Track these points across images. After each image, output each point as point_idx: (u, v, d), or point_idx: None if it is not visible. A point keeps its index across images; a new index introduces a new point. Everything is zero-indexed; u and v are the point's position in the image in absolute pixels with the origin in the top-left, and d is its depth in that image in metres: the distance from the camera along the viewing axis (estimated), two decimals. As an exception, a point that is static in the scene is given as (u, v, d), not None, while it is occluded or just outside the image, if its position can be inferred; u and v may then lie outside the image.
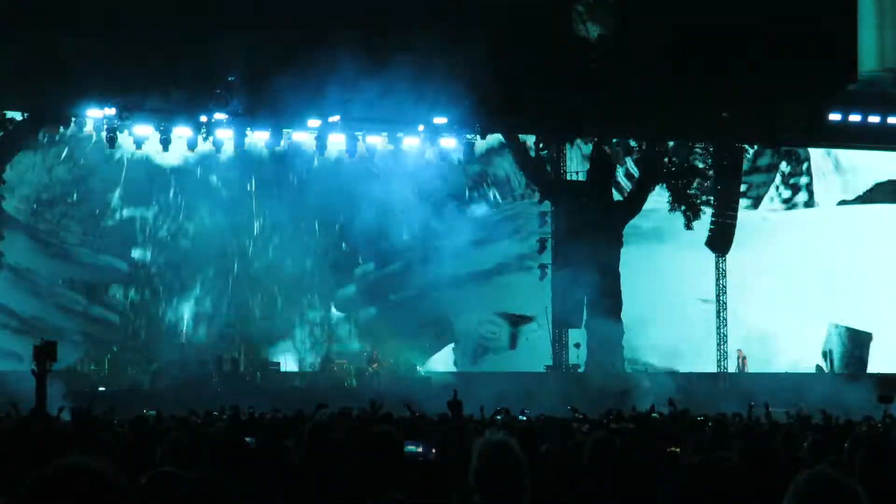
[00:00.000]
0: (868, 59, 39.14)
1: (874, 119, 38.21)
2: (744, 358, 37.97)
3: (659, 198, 37.72)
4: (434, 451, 7.51)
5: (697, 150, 37.67)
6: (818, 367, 37.59)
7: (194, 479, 4.73)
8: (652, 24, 33.38)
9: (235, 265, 35.88)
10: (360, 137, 34.58)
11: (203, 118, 32.79)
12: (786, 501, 3.34)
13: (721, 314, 38.81)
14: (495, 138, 37.08)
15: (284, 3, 30.52)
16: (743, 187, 38.67)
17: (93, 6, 29.83)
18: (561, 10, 35.91)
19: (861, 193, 40.90)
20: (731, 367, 37.71)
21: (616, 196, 37.46)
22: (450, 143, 35.07)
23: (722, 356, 38.35)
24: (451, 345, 37.36)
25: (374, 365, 34.37)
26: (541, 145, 36.83)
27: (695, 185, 37.63)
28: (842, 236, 39.87)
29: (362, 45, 29.85)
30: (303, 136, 34.37)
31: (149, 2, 30.24)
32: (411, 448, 7.38)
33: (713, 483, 3.45)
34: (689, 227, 37.48)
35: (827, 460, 6.70)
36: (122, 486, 2.91)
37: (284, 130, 34.10)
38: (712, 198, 37.78)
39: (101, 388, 30.58)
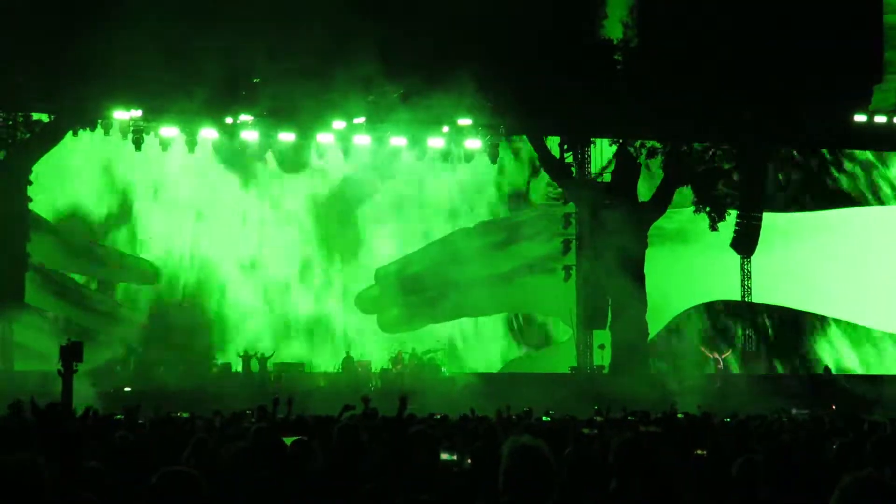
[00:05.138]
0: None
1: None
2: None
3: (684, 199, 37.60)
4: (469, 461, 7.51)
5: (722, 151, 37.48)
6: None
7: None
8: (676, 24, 33.30)
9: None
10: (384, 138, 34.63)
11: (228, 120, 32.90)
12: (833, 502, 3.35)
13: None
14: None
15: (309, 5, 30.57)
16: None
17: (117, 8, 29.97)
18: (586, 12, 35.86)
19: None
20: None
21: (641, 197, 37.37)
22: (474, 144, 35.10)
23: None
24: (475, 345, 37.31)
25: (398, 366, 34.29)
26: (565, 147, 36.78)
27: (720, 186, 37.42)
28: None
29: (387, 46, 29.91)
30: (328, 138, 34.40)
31: (174, 4, 30.31)
32: (446, 457, 7.38)
33: None
34: (714, 228, 37.31)
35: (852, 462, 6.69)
36: None
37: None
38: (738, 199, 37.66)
39: (127, 389, 30.68)
